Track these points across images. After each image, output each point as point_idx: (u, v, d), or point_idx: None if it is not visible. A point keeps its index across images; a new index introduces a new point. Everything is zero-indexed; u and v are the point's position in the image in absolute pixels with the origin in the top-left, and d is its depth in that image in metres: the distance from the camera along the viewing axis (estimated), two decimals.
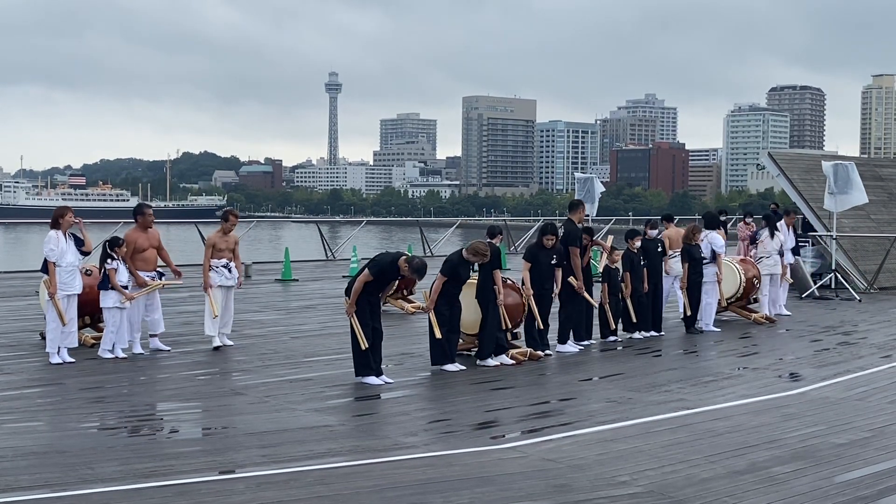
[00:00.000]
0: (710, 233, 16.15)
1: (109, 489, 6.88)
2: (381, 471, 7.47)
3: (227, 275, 13.45)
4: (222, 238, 13.59)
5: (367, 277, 11.00)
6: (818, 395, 10.76)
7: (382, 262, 11.12)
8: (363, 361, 11.02)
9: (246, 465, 7.59)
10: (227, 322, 13.57)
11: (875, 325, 17.00)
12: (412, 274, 11.22)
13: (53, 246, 12.03)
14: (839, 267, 22.02)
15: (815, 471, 7.57)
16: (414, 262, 11.11)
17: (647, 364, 12.87)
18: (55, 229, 12.13)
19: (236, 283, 13.60)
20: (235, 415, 9.45)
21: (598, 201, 25.39)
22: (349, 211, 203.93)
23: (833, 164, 21.31)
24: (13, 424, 8.90)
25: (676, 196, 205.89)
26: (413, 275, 11.29)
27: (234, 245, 13.73)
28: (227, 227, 13.63)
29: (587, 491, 7.02)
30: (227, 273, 13.45)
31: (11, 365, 11.95)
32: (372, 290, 11.13)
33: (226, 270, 13.44)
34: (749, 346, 14.54)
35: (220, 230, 13.66)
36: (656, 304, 15.26)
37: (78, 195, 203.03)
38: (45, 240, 12.15)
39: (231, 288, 13.55)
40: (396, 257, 11.18)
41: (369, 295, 11.12)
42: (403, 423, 9.20)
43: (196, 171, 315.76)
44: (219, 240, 13.54)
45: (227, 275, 13.45)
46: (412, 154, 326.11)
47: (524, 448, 8.21)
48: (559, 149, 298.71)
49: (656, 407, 9.96)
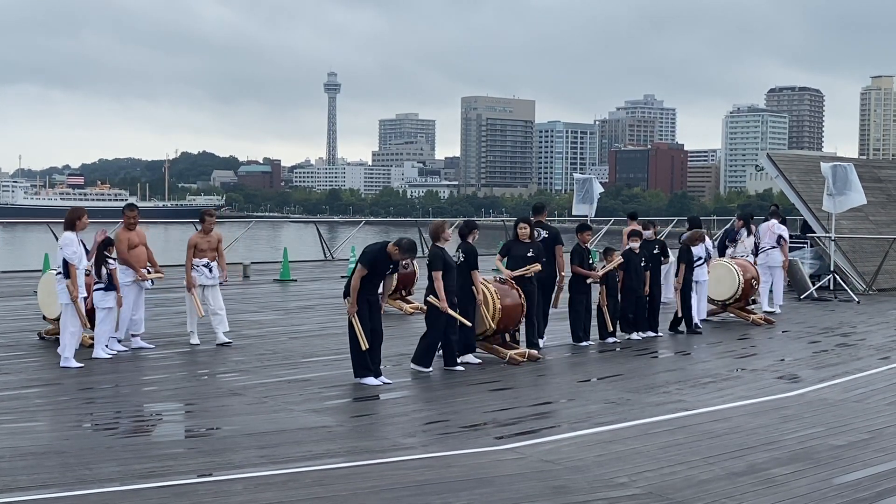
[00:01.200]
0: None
1: (108, 490, 6.87)
2: (380, 472, 7.47)
3: (208, 274, 13.70)
4: (203, 238, 13.85)
5: (361, 272, 10.99)
6: (817, 396, 10.77)
7: (372, 252, 11.12)
8: (362, 362, 11.01)
9: (244, 465, 7.59)
10: (221, 319, 13.72)
11: (874, 326, 17.00)
12: (404, 255, 11.20)
13: (75, 248, 11.94)
14: (838, 268, 22.03)
15: (814, 472, 7.57)
16: (403, 243, 11.13)
17: (645, 365, 12.87)
18: (71, 231, 12.04)
19: (218, 280, 13.83)
20: (234, 415, 9.44)
21: (597, 202, 25.33)
22: (348, 211, 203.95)
23: (832, 166, 21.32)
24: (12, 425, 8.89)
25: (675, 197, 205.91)
26: (405, 255, 11.25)
27: (216, 244, 14.00)
28: (207, 227, 13.91)
29: (586, 492, 7.02)
30: (207, 273, 13.68)
31: (10, 365, 11.94)
32: (370, 287, 11.12)
33: (206, 270, 13.68)
34: (747, 347, 14.54)
35: (201, 231, 13.93)
36: (654, 305, 15.28)
37: (76, 195, 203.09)
38: (64, 242, 11.98)
39: (214, 286, 13.74)
40: (384, 245, 11.19)
41: (368, 294, 11.10)
42: (402, 424, 9.20)
43: (195, 170, 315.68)
44: (200, 240, 13.81)
45: (208, 274, 13.70)
46: (411, 154, 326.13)
47: (523, 449, 8.21)
48: (558, 149, 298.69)
49: (655, 408, 9.96)
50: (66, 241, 11.97)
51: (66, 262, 11.86)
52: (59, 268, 11.98)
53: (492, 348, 12.60)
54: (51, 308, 13.44)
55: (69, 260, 11.85)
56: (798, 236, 24.91)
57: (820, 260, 23.02)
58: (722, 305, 17.14)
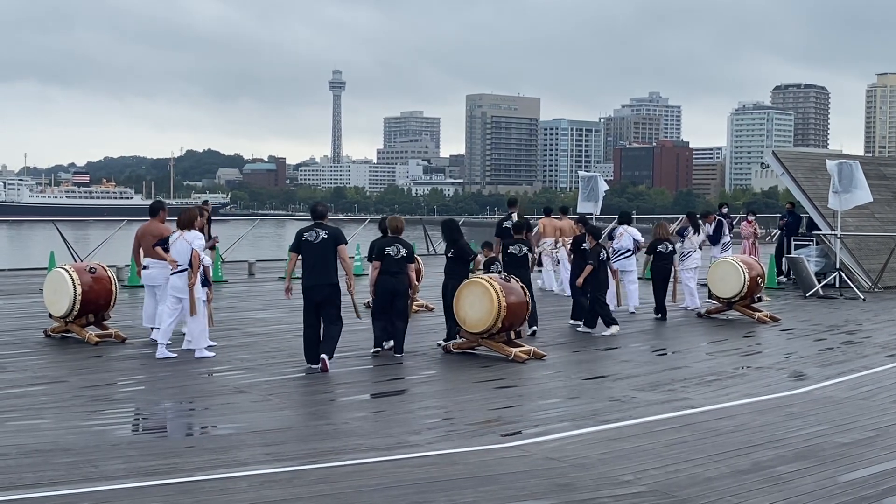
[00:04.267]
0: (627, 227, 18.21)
1: (113, 487, 6.88)
2: (385, 469, 7.47)
3: None
4: None
5: (376, 267, 12.49)
6: (822, 394, 10.75)
7: (372, 245, 12.73)
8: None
9: (249, 463, 7.59)
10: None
11: (879, 324, 16.97)
12: (392, 224, 12.74)
13: (202, 241, 12.51)
14: (843, 266, 21.99)
15: (819, 470, 7.56)
16: (387, 218, 12.94)
17: (650, 363, 12.86)
18: (190, 229, 12.50)
19: None
20: (239, 413, 9.45)
21: (602, 199, 25.28)
22: (353, 209, 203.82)
23: (837, 163, 21.27)
24: (17, 422, 8.91)
25: (680, 194, 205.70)
26: (395, 224, 12.75)
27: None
28: (199, 224, 13.95)
29: (591, 490, 7.02)
30: None
31: (15, 363, 11.95)
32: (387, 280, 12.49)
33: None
34: (753, 345, 14.52)
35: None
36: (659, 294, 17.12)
37: (82, 193, 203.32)
38: (194, 237, 12.42)
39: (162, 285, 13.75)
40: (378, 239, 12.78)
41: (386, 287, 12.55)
42: (407, 422, 9.20)
43: (200, 168, 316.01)
44: None
45: None
46: (416, 152, 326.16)
47: (527, 447, 8.21)
48: (563, 147, 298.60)
49: (660, 406, 9.95)
50: (195, 235, 12.48)
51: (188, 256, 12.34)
52: (182, 265, 12.34)
53: (496, 346, 12.60)
54: (56, 306, 13.49)
55: (198, 249, 12.37)
56: (804, 234, 24.89)
57: (825, 257, 22.97)
58: (727, 303, 17.13)
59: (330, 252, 11.68)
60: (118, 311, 14.83)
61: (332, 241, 11.71)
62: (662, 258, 17.30)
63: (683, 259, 18.42)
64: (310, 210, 12.47)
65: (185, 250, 12.37)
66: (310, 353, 11.75)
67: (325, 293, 11.66)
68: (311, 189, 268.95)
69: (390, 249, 12.53)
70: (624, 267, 17.83)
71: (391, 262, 12.49)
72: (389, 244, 12.61)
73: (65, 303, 13.33)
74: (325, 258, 11.67)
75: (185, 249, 12.36)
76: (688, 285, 18.35)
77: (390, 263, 12.48)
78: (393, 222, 12.89)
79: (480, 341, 12.67)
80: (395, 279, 12.48)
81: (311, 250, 11.71)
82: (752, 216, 26.38)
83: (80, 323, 13.46)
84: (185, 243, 12.38)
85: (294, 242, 12.00)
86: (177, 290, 12.42)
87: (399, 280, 12.51)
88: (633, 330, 15.80)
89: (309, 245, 11.71)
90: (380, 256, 12.48)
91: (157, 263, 13.14)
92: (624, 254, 18.00)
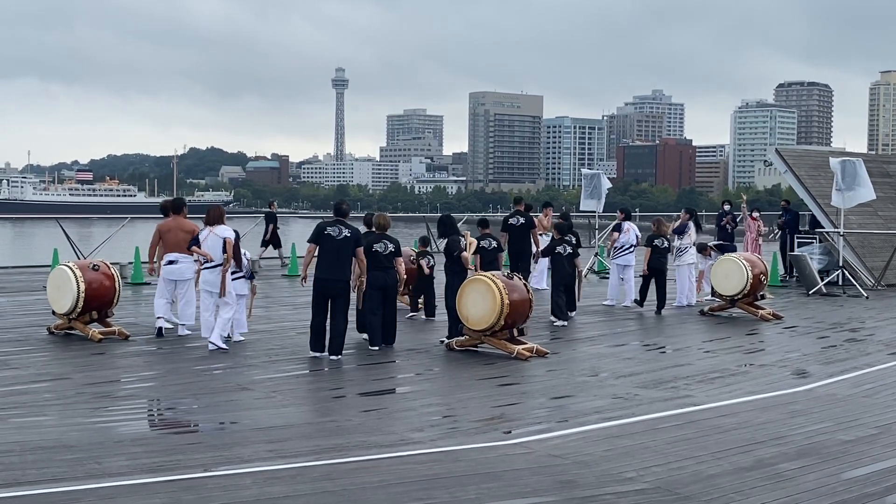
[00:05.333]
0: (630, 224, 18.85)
1: (117, 484, 6.90)
2: (388, 466, 7.48)
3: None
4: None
5: (361, 256, 12.37)
6: (825, 391, 10.75)
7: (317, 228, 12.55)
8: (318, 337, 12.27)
9: (253, 460, 7.61)
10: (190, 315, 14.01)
11: (882, 321, 16.97)
12: (378, 221, 13.09)
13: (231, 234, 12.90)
14: (846, 264, 21.97)
15: (822, 467, 7.56)
16: (374, 216, 13.34)
17: (653, 360, 12.87)
18: (219, 225, 12.87)
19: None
20: (242, 410, 9.46)
21: (605, 197, 25.30)
22: (356, 207, 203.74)
23: (840, 161, 21.25)
24: (20, 419, 8.93)
25: (683, 192, 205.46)
26: (381, 221, 13.09)
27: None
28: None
29: (593, 487, 7.02)
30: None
31: (19, 360, 11.98)
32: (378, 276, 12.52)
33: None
34: (756, 342, 14.52)
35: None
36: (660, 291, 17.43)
37: (85, 190, 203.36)
38: (224, 230, 12.76)
39: (188, 281, 13.89)
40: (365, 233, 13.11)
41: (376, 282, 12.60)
42: (410, 419, 9.21)
43: (203, 166, 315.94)
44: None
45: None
46: (419, 150, 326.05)
47: (530, 444, 8.22)
48: (566, 145, 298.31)
49: (662, 403, 9.96)
50: (225, 231, 12.81)
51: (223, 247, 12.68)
52: (216, 261, 12.67)
53: (499, 343, 12.61)
54: (60, 303, 13.51)
55: (232, 242, 12.72)
56: (807, 231, 24.87)
57: (829, 255, 22.96)
58: (730, 300, 17.13)
59: (349, 250, 12.16)
60: (121, 309, 14.85)
61: (353, 241, 12.21)
62: (658, 252, 17.63)
63: (681, 254, 18.68)
64: (333, 207, 12.95)
65: (218, 245, 12.71)
66: (317, 342, 12.21)
67: (338, 288, 12.15)
68: (315, 187, 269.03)
69: (378, 246, 12.90)
70: (626, 262, 18.48)
71: (381, 259, 12.88)
72: (377, 241, 12.96)
73: (68, 300, 13.36)
74: (344, 255, 12.16)
75: (218, 244, 12.71)
76: (683, 281, 18.59)
77: (380, 259, 12.87)
78: (379, 219, 13.36)
79: (483, 339, 12.68)
80: (386, 274, 12.92)
81: (331, 245, 12.14)
82: (757, 213, 26.36)
83: (84, 320, 13.48)
84: (217, 238, 12.74)
85: (313, 234, 12.32)
86: (208, 285, 12.81)
87: (389, 275, 12.98)
88: (636, 328, 15.82)
89: (330, 240, 12.13)
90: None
91: (186, 258, 13.49)
92: (628, 249, 18.52)
